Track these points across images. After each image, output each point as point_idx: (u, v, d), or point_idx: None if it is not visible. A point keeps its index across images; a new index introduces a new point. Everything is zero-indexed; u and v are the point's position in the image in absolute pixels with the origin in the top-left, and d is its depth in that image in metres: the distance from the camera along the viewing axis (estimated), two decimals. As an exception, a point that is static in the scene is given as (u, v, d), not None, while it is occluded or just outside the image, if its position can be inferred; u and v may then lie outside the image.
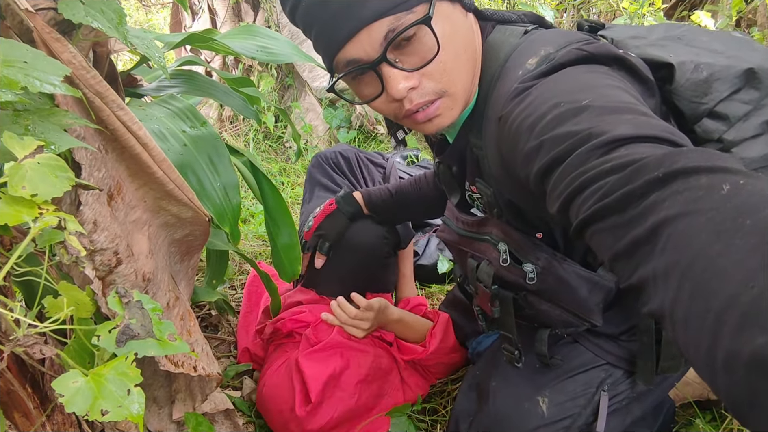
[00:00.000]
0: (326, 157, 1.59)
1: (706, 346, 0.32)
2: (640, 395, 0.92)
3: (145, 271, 0.70)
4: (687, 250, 0.35)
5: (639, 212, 0.40)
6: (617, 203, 0.42)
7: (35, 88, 0.41)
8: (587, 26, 0.81)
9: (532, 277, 0.80)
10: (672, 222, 0.37)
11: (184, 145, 0.74)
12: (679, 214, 0.37)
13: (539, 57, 0.66)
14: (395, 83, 0.65)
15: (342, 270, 1.30)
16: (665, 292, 0.36)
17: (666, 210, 0.38)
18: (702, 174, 0.38)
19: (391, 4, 0.61)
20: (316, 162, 1.60)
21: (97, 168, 0.58)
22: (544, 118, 0.54)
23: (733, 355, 0.30)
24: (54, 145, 0.45)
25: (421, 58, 0.65)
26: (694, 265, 0.34)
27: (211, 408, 0.92)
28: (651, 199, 0.40)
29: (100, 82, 0.54)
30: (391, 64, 0.64)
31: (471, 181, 0.86)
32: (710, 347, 0.31)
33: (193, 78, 1.00)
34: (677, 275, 0.35)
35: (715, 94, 0.68)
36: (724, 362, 0.30)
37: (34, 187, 0.40)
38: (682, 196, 0.38)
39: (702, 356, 0.32)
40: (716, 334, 0.31)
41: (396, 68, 0.64)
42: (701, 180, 0.38)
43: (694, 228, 0.35)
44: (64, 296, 0.56)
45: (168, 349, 0.53)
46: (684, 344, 0.35)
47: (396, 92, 0.65)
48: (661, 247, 0.38)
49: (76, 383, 0.44)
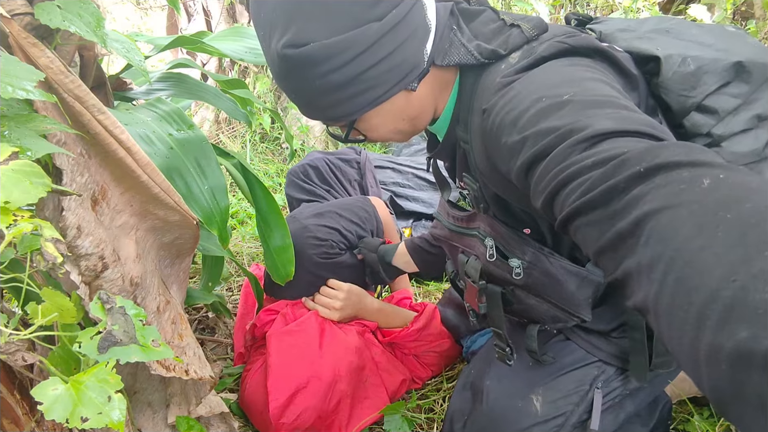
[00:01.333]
0: (296, 172, 1.64)
1: (689, 340, 0.32)
2: (632, 392, 0.91)
3: (132, 275, 0.69)
4: (670, 243, 0.35)
5: (622, 206, 0.41)
6: (600, 198, 0.43)
7: (7, 93, 0.41)
8: (574, 20, 0.80)
9: (519, 272, 0.80)
10: (655, 215, 0.37)
11: (171, 149, 0.73)
12: (661, 207, 0.37)
13: (521, 50, 0.65)
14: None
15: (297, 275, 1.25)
16: (648, 286, 0.36)
17: (649, 204, 0.38)
18: (683, 168, 0.38)
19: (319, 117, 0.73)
20: (288, 180, 1.65)
21: (79, 173, 0.58)
22: (527, 113, 0.55)
23: (716, 349, 0.30)
24: (30, 151, 0.45)
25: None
26: (676, 259, 0.34)
27: (206, 411, 0.92)
28: (633, 194, 0.40)
29: (79, 86, 0.54)
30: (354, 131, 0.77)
31: (459, 176, 0.86)
32: (693, 341, 0.32)
33: (183, 81, 1.00)
34: (660, 269, 0.36)
35: (704, 88, 0.67)
36: (707, 356, 0.30)
37: (7, 194, 0.40)
38: (664, 189, 0.38)
39: (685, 350, 0.33)
40: (699, 328, 0.31)
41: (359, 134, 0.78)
42: (683, 174, 0.38)
43: (676, 221, 0.36)
44: (48, 302, 0.55)
45: (151, 355, 0.52)
46: (668, 338, 0.35)
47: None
48: (645, 240, 0.38)
49: (55, 390, 0.44)
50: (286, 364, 1.11)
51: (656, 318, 0.36)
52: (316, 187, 1.63)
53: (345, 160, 1.75)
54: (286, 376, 1.09)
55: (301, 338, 1.16)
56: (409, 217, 1.90)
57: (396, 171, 1.93)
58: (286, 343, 1.14)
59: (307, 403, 1.07)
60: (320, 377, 1.09)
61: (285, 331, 1.18)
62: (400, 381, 1.21)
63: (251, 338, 1.27)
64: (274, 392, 1.06)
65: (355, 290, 1.26)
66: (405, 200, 1.89)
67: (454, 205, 0.96)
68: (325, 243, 1.24)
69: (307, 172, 1.65)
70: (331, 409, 1.09)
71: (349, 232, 1.32)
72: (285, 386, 1.07)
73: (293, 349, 1.13)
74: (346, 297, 1.24)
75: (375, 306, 1.27)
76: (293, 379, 1.08)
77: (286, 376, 1.09)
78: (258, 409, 1.10)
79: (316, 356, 1.12)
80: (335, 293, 1.26)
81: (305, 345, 1.14)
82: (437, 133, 0.86)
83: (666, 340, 0.35)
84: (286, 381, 1.08)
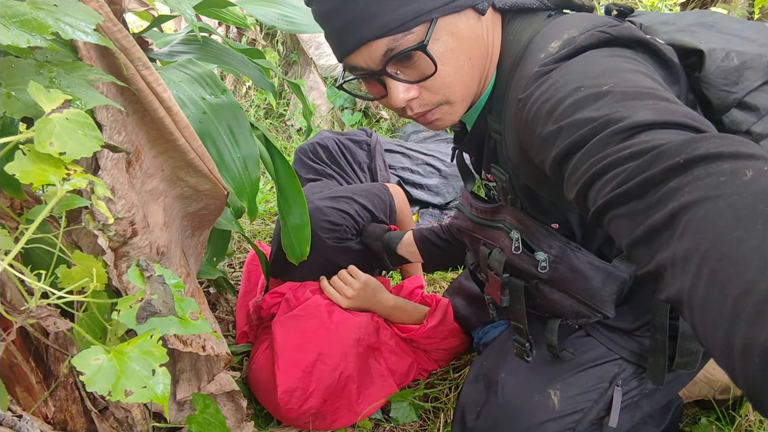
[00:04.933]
0: (304, 150, 1.61)
1: (724, 333, 0.31)
2: (650, 392, 0.91)
3: (159, 243, 0.66)
4: (706, 235, 0.35)
5: (658, 198, 0.40)
6: (636, 189, 0.42)
7: (66, 34, 0.37)
8: (615, 10, 0.78)
9: (544, 265, 0.79)
10: (692, 207, 0.37)
11: (204, 113, 0.69)
12: (699, 199, 0.36)
13: (562, 40, 0.64)
14: (395, 94, 0.68)
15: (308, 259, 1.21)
16: (683, 278, 0.36)
17: (686, 196, 0.37)
18: (725, 160, 0.37)
19: (390, 25, 0.62)
20: (296, 158, 1.62)
21: (117, 131, 0.54)
22: (564, 103, 0.53)
23: (750, 342, 0.29)
24: (80, 101, 0.41)
25: (420, 74, 0.67)
26: (712, 251, 0.34)
27: (216, 389, 0.89)
28: (671, 185, 0.39)
29: (126, 36, 0.50)
30: (392, 76, 0.67)
31: (486, 168, 0.84)
32: (727, 334, 0.31)
33: (208, 45, 0.95)
34: (695, 261, 0.35)
35: (746, 84, 0.66)
36: (741, 349, 0.30)
37: (62, 144, 0.36)
38: (703, 181, 0.37)
39: (719, 343, 0.32)
40: (733, 321, 0.31)
41: (397, 80, 0.67)
42: (724, 166, 0.37)
43: (713, 213, 0.35)
44: (78, 266, 0.52)
45: (190, 329, 0.49)
46: (701, 331, 0.34)
47: (396, 102, 0.68)
48: (680, 232, 0.37)
49: (98, 361, 0.41)
50: (294, 347, 1.09)
51: (690, 311, 0.35)
52: (325, 166, 1.60)
53: (355, 141, 1.71)
54: (293, 360, 1.07)
55: (308, 322, 1.13)
56: (415, 204, 1.88)
57: (406, 156, 1.90)
58: (292, 328, 1.12)
59: (314, 386, 1.05)
60: (326, 361, 1.07)
61: (290, 316, 1.15)
62: (408, 364, 1.19)
63: (257, 318, 1.24)
64: (282, 376, 1.04)
65: (372, 283, 1.23)
66: (412, 187, 1.87)
67: (477, 197, 0.94)
68: (339, 228, 1.22)
69: (316, 151, 1.61)
70: (338, 392, 1.08)
71: (361, 219, 1.30)
72: (292, 370, 1.05)
73: (299, 334, 1.11)
74: (360, 288, 1.22)
75: (390, 303, 1.24)
76: (300, 363, 1.06)
77: (293, 360, 1.07)
78: (266, 389, 1.08)
79: (323, 339, 1.10)
80: (352, 281, 1.23)
81: (312, 329, 1.12)
82: (467, 122, 0.84)
83: (700, 332, 0.35)
84: (293, 365, 1.06)
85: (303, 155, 1.61)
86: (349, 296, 1.21)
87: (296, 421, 1.06)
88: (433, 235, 1.22)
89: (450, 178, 1.90)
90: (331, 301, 1.21)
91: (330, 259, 1.26)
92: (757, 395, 0.30)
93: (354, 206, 1.28)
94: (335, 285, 1.24)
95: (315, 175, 1.58)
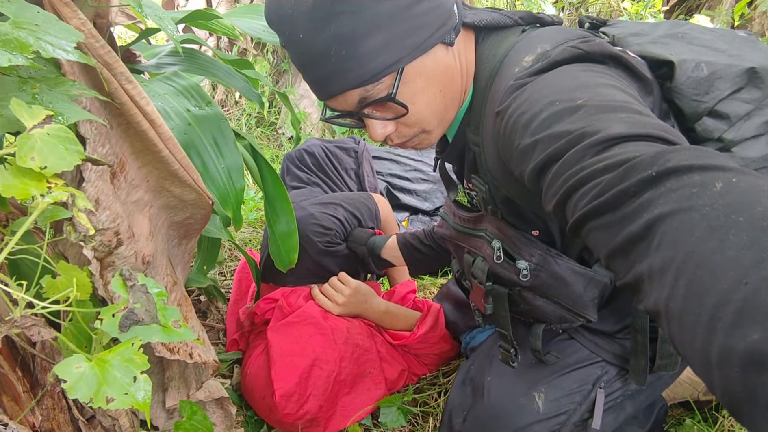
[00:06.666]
0: (291, 157, 1.63)
1: (701, 343, 0.32)
2: (633, 393, 0.92)
3: (145, 253, 0.67)
4: (681, 246, 0.35)
5: (633, 210, 0.41)
6: (611, 201, 0.43)
7: (47, 53, 0.38)
8: (588, 23, 0.80)
9: (526, 273, 0.80)
10: (666, 219, 0.38)
11: (188, 125, 0.71)
12: (673, 211, 0.37)
13: (536, 54, 0.66)
14: (374, 130, 0.73)
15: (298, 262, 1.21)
16: (660, 290, 0.36)
17: (660, 207, 0.38)
18: (695, 172, 0.38)
19: (362, 78, 0.66)
20: (283, 165, 1.63)
21: (101, 143, 0.55)
22: (540, 116, 0.54)
23: (728, 351, 0.30)
24: (62, 116, 0.43)
25: (394, 113, 0.71)
26: (688, 262, 0.34)
27: (205, 396, 0.90)
28: (645, 197, 0.40)
29: (109, 52, 0.51)
30: (369, 116, 0.71)
31: (467, 177, 0.85)
32: (705, 344, 0.32)
33: (194, 57, 0.97)
34: (672, 272, 0.35)
35: (716, 93, 0.67)
36: (718, 358, 0.31)
37: (43, 159, 0.38)
38: (675, 193, 0.38)
39: (697, 353, 0.33)
40: (711, 331, 0.31)
41: (373, 119, 0.72)
42: (694, 177, 0.38)
43: (688, 225, 0.36)
44: (63, 276, 0.53)
45: (173, 336, 0.51)
46: (679, 341, 0.35)
47: (375, 137, 0.73)
48: (656, 244, 0.38)
49: (79, 368, 0.42)
50: (289, 352, 1.09)
51: (668, 321, 0.36)
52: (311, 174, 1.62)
53: (343, 148, 1.73)
54: (289, 364, 1.07)
55: (303, 329, 1.14)
56: (404, 210, 1.89)
57: (394, 162, 1.92)
58: (287, 335, 1.13)
59: (311, 390, 1.06)
60: (322, 366, 1.08)
61: (285, 323, 1.16)
62: (399, 371, 1.20)
63: (249, 324, 1.25)
64: (279, 380, 1.05)
65: (362, 289, 1.24)
66: (401, 192, 1.89)
67: (460, 206, 0.95)
68: (330, 232, 1.23)
69: (303, 158, 1.63)
70: (333, 397, 1.09)
71: (349, 225, 1.32)
72: (289, 375, 1.06)
73: (294, 340, 1.12)
74: (351, 294, 1.23)
75: (381, 308, 1.25)
76: (297, 367, 1.07)
77: (289, 364, 1.07)
78: (260, 394, 1.08)
79: (318, 345, 1.11)
80: (342, 288, 1.24)
81: (307, 335, 1.13)
82: (448, 134, 0.86)
83: (677, 343, 0.35)
84: (290, 370, 1.07)
85: (290, 162, 1.63)
86: (340, 303, 1.22)
87: (291, 426, 1.07)
88: (416, 240, 1.24)
89: (438, 184, 1.92)
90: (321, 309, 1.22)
91: (320, 263, 1.27)
92: (735, 405, 0.30)
93: (342, 212, 1.29)
94: (326, 292, 1.25)
95: (299, 183, 1.59)
